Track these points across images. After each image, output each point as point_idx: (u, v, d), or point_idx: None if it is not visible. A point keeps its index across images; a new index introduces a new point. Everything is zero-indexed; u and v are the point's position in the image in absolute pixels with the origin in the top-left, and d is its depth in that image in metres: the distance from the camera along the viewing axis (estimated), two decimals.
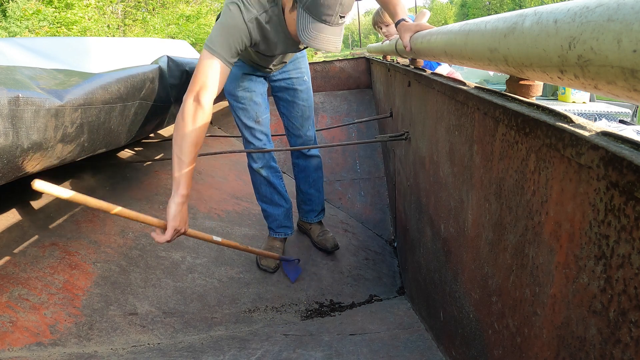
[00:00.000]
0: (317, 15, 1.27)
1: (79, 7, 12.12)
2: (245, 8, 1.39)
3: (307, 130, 2.05)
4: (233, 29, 1.40)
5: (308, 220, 2.29)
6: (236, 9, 1.39)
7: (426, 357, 1.23)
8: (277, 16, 1.46)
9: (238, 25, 1.40)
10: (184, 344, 1.47)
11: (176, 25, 14.30)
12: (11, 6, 11.00)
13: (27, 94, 1.13)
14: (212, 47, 1.38)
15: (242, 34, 1.41)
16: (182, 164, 1.36)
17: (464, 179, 0.96)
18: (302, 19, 1.30)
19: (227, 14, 1.40)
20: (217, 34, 1.39)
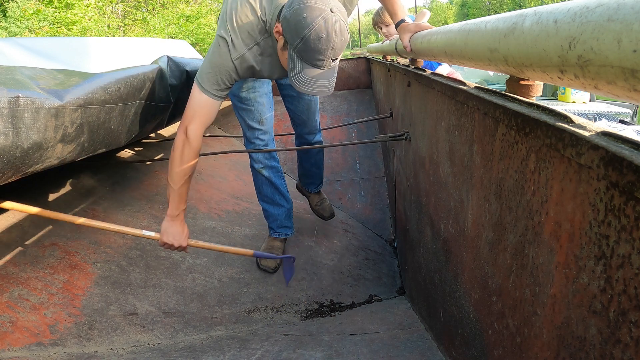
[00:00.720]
0: (308, 60, 1.23)
1: (79, 7, 12.12)
2: (233, 46, 1.39)
3: (312, 121, 2.11)
4: (221, 67, 1.41)
5: (308, 189, 2.42)
6: (225, 46, 1.39)
7: (426, 357, 1.23)
8: (271, 47, 1.44)
9: (225, 64, 1.41)
10: (184, 344, 1.47)
11: (176, 25, 14.30)
12: (11, 6, 11.00)
13: (27, 94, 1.13)
14: (201, 83, 1.44)
15: (230, 71, 1.43)
16: (172, 190, 1.52)
17: (464, 179, 0.96)
18: (293, 62, 1.26)
19: (215, 50, 1.41)
20: (206, 70, 1.43)
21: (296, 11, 1.19)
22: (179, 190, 1.52)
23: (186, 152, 1.48)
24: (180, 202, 1.54)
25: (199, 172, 2.67)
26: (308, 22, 1.17)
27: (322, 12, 1.18)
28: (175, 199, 1.52)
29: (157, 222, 2.05)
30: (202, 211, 2.29)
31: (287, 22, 1.22)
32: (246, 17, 1.37)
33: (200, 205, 2.33)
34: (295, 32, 1.20)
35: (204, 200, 2.39)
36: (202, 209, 2.30)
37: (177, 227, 1.55)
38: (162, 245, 1.56)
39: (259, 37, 1.41)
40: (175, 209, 1.53)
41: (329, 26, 1.18)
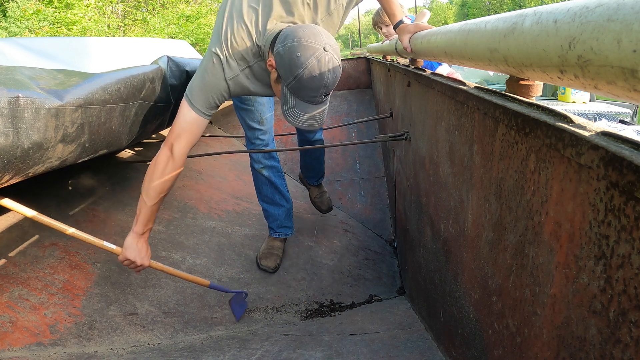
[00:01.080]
0: (300, 97, 1.24)
1: (79, 7, 12.12)
2: (227, 65, 1.37)
3: None
4: (213, 86, 1.39)
5: (309, 182, 2.46)
6: (219, 64, 1.37)
7: (426, 357, 1.23)
8: (264, 70, 1.41)
9: (218, 84, 1.39)
10: (184, 344, 1.47)
11: (176, 25, 14.29)
12: (11, 6, 11.00)
13: (27, 94, 1.13)
14: (191, 99, 1.41)
15: (223, 91, 1.41)
16: (144, 206, 1.45)
17: (464, 179, 0.96)
18: (286, 97, 1.26)
19: (209, 67, 1.38)
20: (197, 87, 1.40)
21: (290, 49, 1.19)
22: (152, 207, 1.45)
23: (169, 169, 1.43)
24: (150, 220, 1.47)
25: (199, 172, 2.67)
26: (302, 61, 1.17)
27: (316, 51, 1.18)
28: (147, 215, 1.45)
29: (157, 222, 2.05)
30: (202, 211, 2.29)
31: (281, 58, 1.22)
32: (242, 39, 1.35)
33: (200, 205, 2.33)
34: (289, 70, 1.21)
35: (204, 200, 2.39)
36: (202, 209, 2.30)
37: (141, 244, 1.46)
38: (122, 261, 1.46)
39: (252, 60, 1.39)
40: (144, 226, 1.46)
41: (322, 65, 1.18)
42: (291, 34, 1.21)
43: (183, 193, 2.37)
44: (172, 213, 2.17)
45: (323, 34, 1.22)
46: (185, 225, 2.12)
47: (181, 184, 2.44)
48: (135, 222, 1.46)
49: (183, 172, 2.56)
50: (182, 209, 2.23)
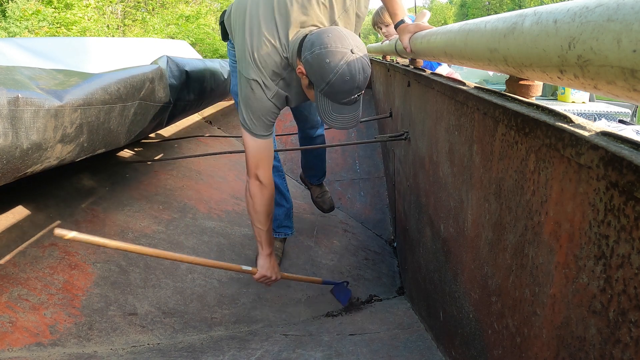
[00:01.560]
0: (335, 100, 1.27)
1: (78, 7, 12.10)
2: (265, 86, 1.40)
3: (314, 115, 2.13)
4: (261, 109, 1.44)
5: (310, 181, 2.45)
6: (258, 88, 1.40)
7: (426, 357, 1.23)
8: (295, 79, 1.45)
9: (265, 106, 1.43)
10: (184, 344, 1.47)
11: (176, 26, 14.28)
12: (11, 6, 10.99)
13: (26, 94, 1.13)
14: (251, 130, 1.46)
15: (272, 109, 1.45)
16: (261, 231, 1.61)
17: (463, 179, 0.96)
18: (321, 102, 1.30)
19: (250, 95, 1.42)
20: (249, 116, 1.45)
21: (318, 56, 1.21)
22: (267, 229, 1.61)
23: (266, 195, 1.56)
24: (271, 239, 1.64)
25: (199, 172, 2.67)
26: (332, 67, 1.20)
27: (344, 55, 1.20)
28: (267, 237, 1.62)
29: (156, 222, 2.05)
30: (202, 211, 2.29)
31: (310, 65, 1.25)
32: (269, 56, 1.37)
33: (200, 205, 2.33)
34: (320, 77, 1.23)
35: (204, 201, 2.38)
36: (201, 209, 2.30)
37: (273, 262, 1.65)
38: (259, 279, 1.64)
39: (283, 73, 1.42)
40: (269, 247, 1.63)
41: (352, 69, 1.21)
42: (317, 41, 1.23)
43: (183, 193, 2.37)
44: (171, 213, 2.17)
45: (348, 36, 1.24)
46: (185, 226, 2.12)
47: (181, 184, 2.44)
48: (260, 246, 1.63)
49: (182, 172, 2.56)
50: (181, 209, 2.23)
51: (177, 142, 2.91)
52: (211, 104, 2.99)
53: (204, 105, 2.72)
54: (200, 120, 3.55)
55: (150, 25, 14.03)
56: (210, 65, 2.59)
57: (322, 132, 2.25)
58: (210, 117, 3.69)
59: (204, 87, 2.44)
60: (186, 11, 15.12)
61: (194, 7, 15.80)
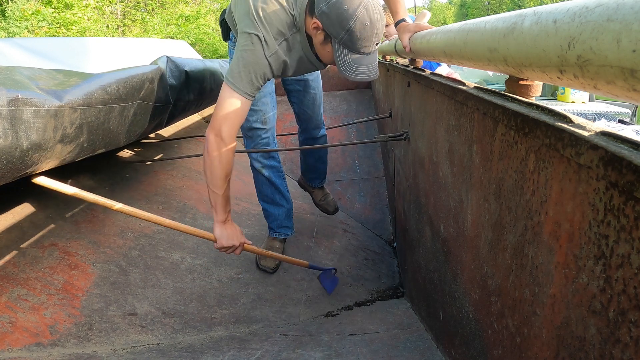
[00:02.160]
0: (354, 49, 1.26)
1: (78, 7, 12.10)
2: (265, 42, 1.35)
3: (318, 115, 2.13)
4: (255, 65, 1.37)
5: (312, 185, 2.43)
6: (257, 43, 1.35)
7: (426, 357, 1.23)
8: (299, 43, 1.43)
9: (259, 62, 1.37)
10: (184, 345, 1.47)
11: (175, 26, 14.28)
12: (10, 6, 10.99)
13: (26, 94, 1.13)
14: (233, 82, 1.37)
15: (265, 69, 1.39)
16: (216, 196, 1.48)
17: (463, 179, 0.96)
18: (340, 54, 1.29)
19: (247, 48, 1.35)
20: (237, 69, 1.37)
21: (335, 5, 1.22)
22: (223, 194, 1.48)
23: (224, 153, 1.42)
24: (227, 205, 1.52)
25: (199, 172, 2.67)
26: (350, 14, 1.21)
27: (361, 1, 1.22)
28: (222, 203, 1.50)
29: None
30: (202, 211, 2.29)
31: (327, 16, 1.25)
32: (275, 13, 1.35)
33: (200, 205, 2.33)
34: (339, 25, 1.24)
35: (204, 201, 2.38)
36: (201, 209, 2.30)
37: (229, 229, 1.54)
38: (219, 249, 1.55)
39: (287, 33, 1.40)
40: (224, 213, 1.51)
41: (370, 13, 1.23)
42: None
43: (182, 193, 2.37)
44: (171, 213, 2.17)
45: None
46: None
47: (181, 184, 2.44)
48: (215, 212, 1.50)
49: (182, 172, 2.56)
50: (181, 209, 2.23)
51: (177, 142, 2.91)
52: (211, 104, 2.98)
53: (203, 105, 2.72)
54: (200, 120, 3.55)
55: (150, 25, 14.02)
56: (210, 65, 2.59)
57: (325, 133, 2.25)
58: (210, 117, 3.68)
59: (203, 87, 2.44)
60: (186, 11, 15.12)
61: (193, 7, 15.79)
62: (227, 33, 1.78)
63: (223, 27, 1.78)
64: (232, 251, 1.56)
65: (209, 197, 1.50)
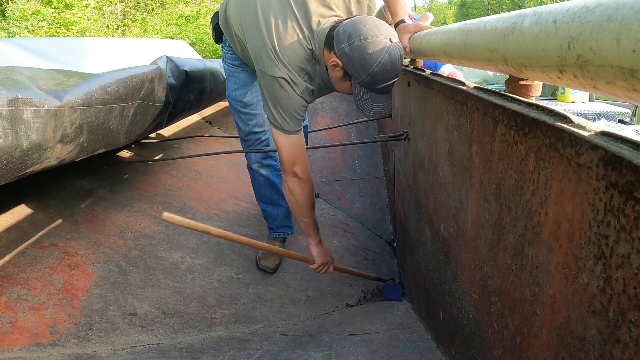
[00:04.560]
0: (374, 90, 1.27)
1: (78, 7, 12.10)
2: (294, 82, 1.38)
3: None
4: (291, 105, 1.41)
5: None
6: (287, 85, 1.38)
7: (426, 357, 1.23)
8: (318, 73, 1.44)
9: (294, 100, 1.41)
10: (184, 345, 1.47)
11: (175, 26, 14.27)
12: (10, 6, 10.98)
13: (26, 94, 1.13)
14: (282, 127, 1.44)
15: (301, 104, 1.43)
16: (307, 224, 1.64)
17: (463, 179, 0.96)
18: (359, 93, 1.29)
19: (279, 93, 1.40)
20: (281, 114, 1.42)
21: (358, 48, 1.21)
22: (313, 220, 1.63)
23: (306, 189, 1.54)
24: (317, 228, 1.67)
25: (198, 172, 2.67)
26: (374, 59, 1.20)
27: (385, 45, 1.20)
28: (314, 227, 1.65)
29: (156, 222, 2.05)
30: (202, 212, 2.29)
31: (349, 58, 1.24)
32: (292, 50, 1.35)
33: (200, 205, 2.33)
34: (362, 69, 1.23)
35: (203, 201, 2.38)
36: (201, 210, 2.30)
37: (325, 249, 1.70)
38: (317, 268, 1.70)
39: (308, 66, 1.41)
40: (316, 235, 1.67)
41: (393, 58, 1.22)
42: (355, 32, 1.22)
43: (182, 193, 2.37)
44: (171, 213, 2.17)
45: (384, 26, 1.24)
46: None
47: (180, 184, 2.44)
48: (309, 237, 1.67)
49: (182, 173, 2.56)
50: (181, 209, 2.23)
51: (177, 142, 2.91)
52: (211, 104, 2.99)
53: (203, 105, 2.72)
54: (200, 121, 3.55)
55: (150, 25, 14.02)
56: (210, 65, 2.59)
57: (307, 123, 2.27)
58: (210, 117, 3.69)
59: (203, 87, 2.44)
60: (186, 11, 15.11)
61: (193, 7, 15.79)
62: (220, 36, 1.77)
63: (216, 31, 1.77)
64: (326, 269, 1.72)
65: (300, 225, 1.67)
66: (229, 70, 1.79)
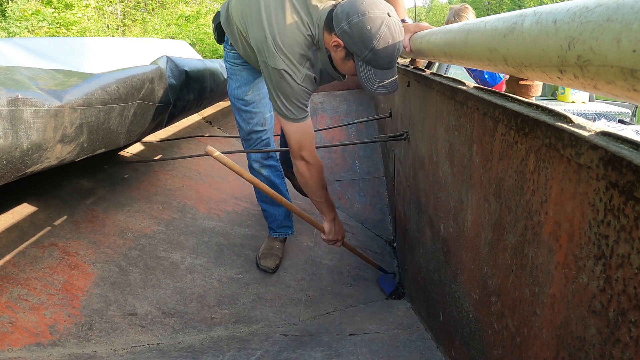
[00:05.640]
0: (377, 66, 1.29)
1: (78, 7, 12.10)
2: (295, 73, 1.41)
3: None
4: (294, 94, 1.44)
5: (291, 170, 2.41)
6: (288, 76, 1.41)
7: (426, 357, 1.23)
8: (320, 60, 1.47)
9: (297, 90, 1.44)
10: (184, 344, 1.47)
11: (176, 26, 14.27)
12: (10, 6, 10.98)
13: (26, 94, 1.13)
14: (287, 115, 1.47)
15: (304, 92, 1.46)
16: (320, 202, 1.70)
17: (463, 179, 0.96)
18: (364, 71, 1.31)
19: (281, 84, 1.42)
20: (283, 104, 1.46)
21: (357, 25, 1.23)
22: (326, 200, 1.69)
23: (315, 172, 1.59)
24: (331, 207, 1.73)
25: (199, 172, 2.67)
26: (374, 33, 1.22)
27: (383, 19, 1.22)
28: (327, 206, 1.71)
29: (156, 222, 2.05)
30: (202, 211, 2.29)
31: (349, 36, 1.26)
32: (293, 39, 1.38)
33: (200, 205, 2.33)
34: (363, 45, 1.25)
35: (204, 201, 2.38)
36: (201, 209, 2.30)
37: (337, 225, 1.77)
38: (328, 241, 1.80)
39: (309, 53, 1.43)
40: (330, 213, 1.73)
41: (392, 31, 1.24)
42: (352, 10, 1.24)
43: (182, 193, 2.37)
44: (171, 213, 2.17)
45: (380, 1, 1.26)
46: (185, 226, 2.12)
47: (180, 184, 2.44)
48: (323, 214, 1.73)
49: (182, 172, 2.56)
50: (181, 209, 2.23)
51: (177, 142, 2.91)
52: (211, 104, 2.99)
53: (203, 105, 2.72)
54: (200, 121, 3.55)
55: (150, 25, 14.02)
56: (210, 65, 2.59)
57: None
58: (210, 117, 3.69)
59: (203, 87, 2.44)
60: (186, 11, 15.11)
61: (194, 7, 15.79)
62: (222, 36, 1.78)
63: (218, 31, 1.78)
64: (334, 244, 1.81)
65: (315, 205, 1.74)
66: (231, 69, 1.79)
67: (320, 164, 1.61)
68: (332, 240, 1.79)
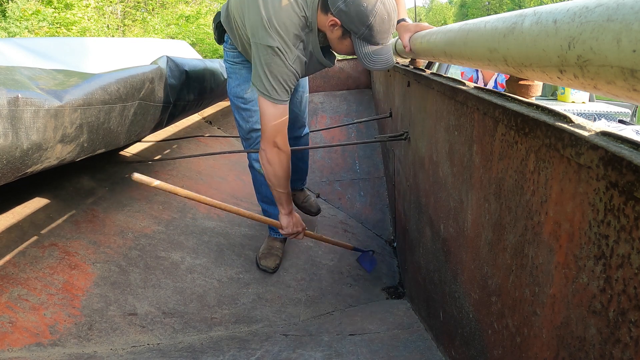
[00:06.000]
0: (374, 41, 1.34)
1: (78, 7, 12.10)
2: (287, 52, 1.40)
3: (303, 113, 2.16)
4: (283, 74, 1.43)
5: (294, 187, 2.42)
6: (280, 54, 1.40)
7: (426, 357, 1.23)
8: (311, 42, 1.48)
9: (286, 70, 1.43)
10: (184, 344, 1.47)
11: (176, 26, 14.28)
12: (11, 6, 10.99)
13: (26, 94, 1.13)
14: (270, 95, 1.45)
15: (292, 75, 1.46)
16: (282, 194, 1.67)
17: (463, 179, 0.96)
18: (361, 47, 1.36)
19: (270, 61, 1.41)
20: (270, 82, 1.43)
21: (354, 3, 1.28)
22: (287, 192, 1.67)
23: (284, 159, 1.57)
24: (290, 200, 1.71)
25: (199, 172, 2.67)
26: (370, 10, 1.28)
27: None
28: (287, 199, 1.68)
29: (156, 222, 2.05)
30: (202, 211, 2.29)
31: (346, 14, 1.31)
32: (288, 18, 1.39)
33: (200, 205, 2.33)
34: (359, 22, 1.30)
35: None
36: (201, 209, 2.30)
37: (295, 219, 1.75)
38: (287, 235, 1.77)
39: (302, 34, 1.44)
40: (288, 206, 1.71)
41: (387, 7, 1.30)
42: None
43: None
44: (171, 213, 2.17)
45: None
46: (185, 226, 2.12)
47: (180, 184, 2.44)
48: (281, 206, 1.71)
49: (182, 172, 2.56)
50: (181, 209, 2.23)
51: (177, 142, 2.91)
52: (211, 104, 2.99)
53: (203, 105, 2.72)
54: (200, 121, 3.55)
55: (150, 25, 14.02)
56: (210, 65, 2.59)
57: (308, 131, 2.26)
58: (210, 117, 3.69)
59: (203, 87, 2.44)
60: (186, 11, 15.11)
61: (194, 7, 15.79)
62: (222, 36, 1.78)
63: (218, 31, 1.78)
64: (296, 236, 1.79)
65: (274, 196, 1.70)
66: (231, 68, 1.80)
67: (289, 152, 1.59)
68: (293, 233, 1.76)
